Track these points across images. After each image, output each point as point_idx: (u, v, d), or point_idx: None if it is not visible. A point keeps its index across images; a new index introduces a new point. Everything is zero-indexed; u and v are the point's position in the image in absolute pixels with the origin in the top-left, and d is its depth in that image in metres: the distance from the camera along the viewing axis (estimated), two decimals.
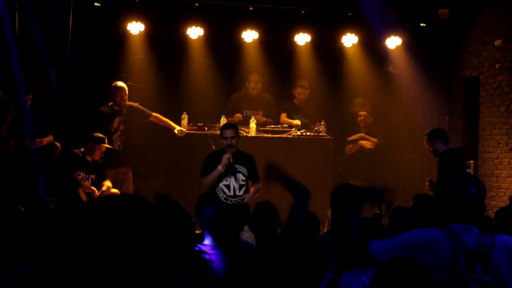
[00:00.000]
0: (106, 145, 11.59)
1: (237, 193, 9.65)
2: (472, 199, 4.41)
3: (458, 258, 4.14)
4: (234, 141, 9.72)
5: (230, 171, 9.70)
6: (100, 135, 11.60)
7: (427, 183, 10.42)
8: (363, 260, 4.88)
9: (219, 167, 9.64)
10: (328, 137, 13.38)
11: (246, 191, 9.77)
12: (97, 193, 11.44)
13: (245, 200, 9.57)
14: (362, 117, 13.95)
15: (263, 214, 6.70)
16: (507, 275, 4.17)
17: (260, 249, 6.18)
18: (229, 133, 9.75)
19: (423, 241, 4.30)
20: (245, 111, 13.95)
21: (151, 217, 1.88)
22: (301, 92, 14.13)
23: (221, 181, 9.70)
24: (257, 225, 6.65)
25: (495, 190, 12.91)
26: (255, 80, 13.99)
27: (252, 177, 9.88)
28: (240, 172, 9.73)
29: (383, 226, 5.72)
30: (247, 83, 14.06)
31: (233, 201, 9.62)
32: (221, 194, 9.66)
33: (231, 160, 9.66)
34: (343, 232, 5.25)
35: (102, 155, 11.63)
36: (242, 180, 9.72)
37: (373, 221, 7.35)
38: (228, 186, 9.70)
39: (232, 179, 9.68)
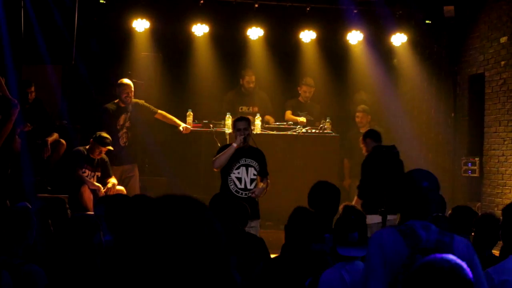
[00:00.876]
0: (106, 148, 11.55)
1: (248, 186, 9.63)
2: (425, 191, 4.37)
3: (414, 257, 4.10)
4: (246, 132, 9.70)
5: (244, 164, 9.72)
6: (104, 135, 11.58)
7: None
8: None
9: (234, 144, 9.66)
10: (333, 134, 13.37)
11: (256, 186, 9.79)
12: (102, 190, 11.45)
13: (255, 193, 9.55)
14: (359, 118, 13.80)
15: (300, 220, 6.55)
16: None
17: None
18: (242, 124, 9.74)
19: (379, 242, 4.28)
20: (240, 107, 13.96)
21: (209, 218, 1.89)
22: (306, 90, 14.14)
23: (233, 173, 9.71)
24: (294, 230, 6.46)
25: (501, 187, 12.91)
26: (249, 74, 14.02)
27: (261, 172, 9.88)
28: (252, 166, 9.72)
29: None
30: (241, 79, 14.08)
31: (243, 194, 9.62)
32: (232, 186, 9.67)
33: (246, 141, 9.67)
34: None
35: (102, 155, 11.61)
36: (254, 174, 9.70)
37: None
38: (240, 179, 9.71)
39: (244, 172, 9.68)
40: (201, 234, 1.83)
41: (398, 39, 14.59)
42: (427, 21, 14.67)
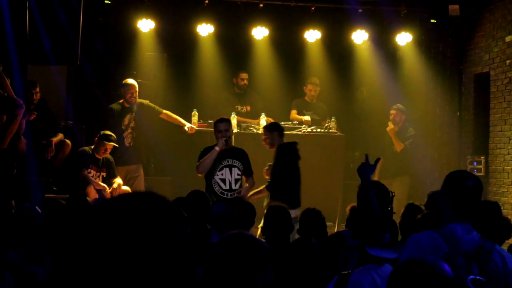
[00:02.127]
0: (111, 144, 11.57)
1: (233, 187, 9.72)
2: (469, 190, 4.33)
3: (455, 260, 4.08)
4: (228, 133, 9.86)
5: (227, 165, 9.77)
6: (108, 132, 11.61)
7: (266, 167, 10.45)
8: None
9: (217, 148, 9.73)
10: (339, 133, 13.36)
11: (241, 186, 9.81)
12: (108, 190, 11.46)
13: (242, 193, 9.62)
14: (393, 115, 13.68)
15: (275, 218, 6.66)
16: (502, 281, 4.15)
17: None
18: (223, 126, 9.91)
19: (418, 243, 4.27)
20: (236, 106, 13.97)
21: (169, 213, 1.85)
22: (311, 89, 14.13)
23: (217, 175, 9.78)
24: (270, 229, 6.61)
25: (506, 186, 12.90)
26: (244, 73, 14.08)
27: (246, 171, 9.93)
28: (235, 166, 9.80)
29: (395, 222, 5.68)
30: (235, 79, 14.11)
31: (229, 195, 9.66)
32: (217, 188, 9.73)
33: (227, 143, 9.77)
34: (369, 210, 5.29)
35: (107, 153, 11.62)
36: (238, 174, 9.81)
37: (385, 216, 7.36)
38: (223, 180, 9.78)
39: (228, 173, 9.77)
40: (162, 230, 1.80)
41: (403, 38, 14.58)
42: (432, 20, 14.67)
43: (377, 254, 5.17)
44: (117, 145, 11.66)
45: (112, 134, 11.60)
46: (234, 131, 12.48)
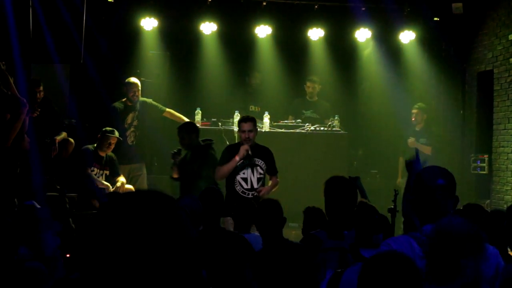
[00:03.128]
0: (114, 137, 11.60)
1: (255, 186, 9.57)
2: (440, 189, 4.24)
3: None
4: (252, 134, 9.66)
5: (249, 164, 9.67)
6: (110, 128, 11.65)
7: None
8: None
9: (237, 158, 9.59)
10: (342, 132, 13.36)
11: (263, 185, 9.72)
12: (111, 188, 11.47)
13: (262, 193, 9.45)
14: (414, 115, 13.64)
15: (268, 211, 6.63)
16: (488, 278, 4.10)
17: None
18: (246, 126, 9.68)
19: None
20: (250, 106, 13.99)
21: (173, 212, 1.85)
22: (309, 86, 14.09)
23: (239, 174, 9.66)
24: (262, 222, 6.59)
25: (510, 184, 12.87)
26: (258, 76, 14.10)
27: (270, 170, 9.82)
28: (257, 165, 9.66)
29: (389, 222, 5.64)
30: (248, 78, 14.12)
31: (250, 194, 9.57)
32: (238, 187, 9.61)
33: (250, 152, 9.61)
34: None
35: (111, 147, 11.64)
36: (260, 174, 9.66)
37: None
38: (245, 179, 9.65)
39: (250, 172, 9.63)
40: (166, 231, 1.79)
41: (407, 36, 14.58)
42: (435, 18, 14.66)
43: (370, 255, 5.16)
44: (120, 138, 11.70)
45: (114, 129, 11.65)
46: (236, 130, 12.51)
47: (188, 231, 1.85)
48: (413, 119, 13.55)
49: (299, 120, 13.52)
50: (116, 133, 11.67)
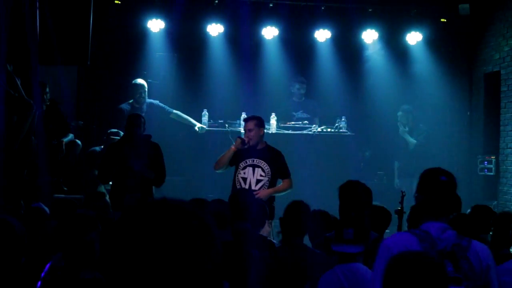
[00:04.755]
0: (119, 138, 11.63)
1: (253, 187, 9.43)
2: (443, 186, 4.29)
3: None
4: (251, 133, 9.58)
5: (251, 164, 9.61)
6: (115, 130, 11.67)
7: None
8: None
9: (233, 147, 9.59)
10: (349, 133, 13.35)
11: (266, 187, 9.64)
12: None
13: (259, 195, 9.20)
14: (400, 117, 13.83)
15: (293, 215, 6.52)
16: (478, 279, 4.12)
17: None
18: (246, 125, 9.72)
19: (389, 246, 4.22)
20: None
21: (204, 223, 1.84)
22: (299, 87, 13.96)
23: (239, 173, 9.62)
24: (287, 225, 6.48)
25: None
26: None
27: (280, 173, 9.69)
28: (259, 166, 9.58)
29: (364, 218, 5.63)
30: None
31: None
32: (238, 186, 9.57)
33: (247, 144, 9.55)
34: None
35: None
36: (260, 175, 9.53)
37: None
38: (245, 179, 9.57)
39: (251, 172, 9.55)
40: (194, 242, 1.79)
41: (413, 37, 14.58)
42: (442, 20, 14.64)
43: (339, 249, 5.13)
44: None
45: (119, 131, 11.66)
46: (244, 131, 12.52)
47: (215, 243, 1.84)
48: (402, 122, 13.71)
49: (306, 121, 13.51)
50: (121, 134, 11.67)
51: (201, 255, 1.79)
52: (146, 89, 12.49)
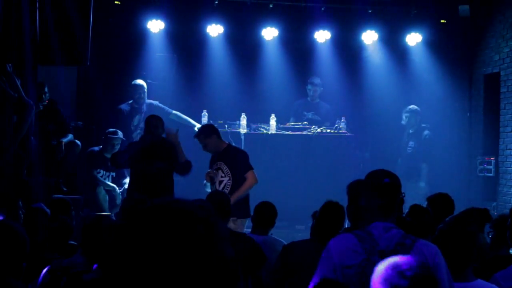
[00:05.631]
0: (117, 137, 11.63)
1: (218, 188, 9.68)
2: (386, 188, 4.29)
3: (370, 260, 4.04)
4: (208, 147, 9.96)
5: (216, 168, 9.88)
6: (112, 130, 11.69)
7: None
8: None
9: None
10: (349, 134, 13.35)
11: (228, 186, 9.74)
12: (118, 190, 11.49)
13: None
14: (406, 117, 13.84)
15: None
16: None
17: None
18: (200, 142, 10.08)
19: (329, 247, 4.24)
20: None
21: (214, 223, 1.83)
22: (311, 89, 14.08)
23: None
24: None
25: None
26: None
27: (238, 171, 9.82)
28: (220, 168, 9.80)
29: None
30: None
31: None
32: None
33: (212, 175, 9.85)
34: None
35: (117, 148, 11.66)
36: (221, 177, 9.76)
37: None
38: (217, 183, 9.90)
39: (218, 175, 9.84)
40: (205, 248, 1.77)
41: (413, 39, 14.58)
42: (442, 21, 14.65)
43: None
44: (124, 139, 11.72)
45: (117, 130, 11.68)
46: (244, 132, 12.56)
47: (222, 247, 1.82)
48: (403, 122, 13.70)
49: (305, 122, 13.51)
50: (120, 134, 11.69)
51: (207, 259, 1.77)
52: (146, 90, 12.51)
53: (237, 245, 6.16)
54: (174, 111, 12.66)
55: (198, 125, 12.63)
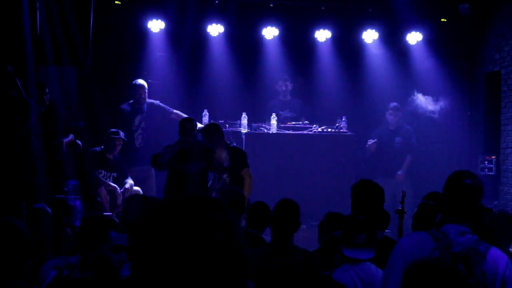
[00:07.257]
0: (118, 137, 11.63)
1: (216, 184, 10.16)
2: (467, 190, 4.22)
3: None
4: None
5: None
6: (114, 130, 11.69)
7: None
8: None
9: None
10: (349, 133, 13.35)
11: (225, 183, 10.04)
12: (119, 190, 11.48)
13: None
14: (389, 115, 13.81)
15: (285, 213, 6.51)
16: (491, 284, 3.99)
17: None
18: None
19: (402, 248, 4.17)
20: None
21: (231, 220, 1.84)
22: (281, 84, 14.04)
23: None
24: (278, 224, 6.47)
25: None
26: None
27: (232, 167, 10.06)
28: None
29: (372, 222, 5.62)
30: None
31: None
32: None
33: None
34: None
35: (118, 149, 11.67)
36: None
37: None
38: None
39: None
40: (222, 242, 1.78)
41: (414, 37, 14.58)
42: (442, 19, 14.64)
43: (351, 255, 5.14)
44: (125, 139, 11.72)
45: (118, 130, 11.69)
46: (244, 131, 12.58)
47: (241, 245, 1.83)
48: (389, 120, 13.72)
49: (306, 121, 13.51)
50: (121, 134, 11.69)
51: (228, 262, 1.78)
52: (147, 90, 12.50)
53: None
54: (175, 111, 12.65)
55: (199, 125, 12.63)
